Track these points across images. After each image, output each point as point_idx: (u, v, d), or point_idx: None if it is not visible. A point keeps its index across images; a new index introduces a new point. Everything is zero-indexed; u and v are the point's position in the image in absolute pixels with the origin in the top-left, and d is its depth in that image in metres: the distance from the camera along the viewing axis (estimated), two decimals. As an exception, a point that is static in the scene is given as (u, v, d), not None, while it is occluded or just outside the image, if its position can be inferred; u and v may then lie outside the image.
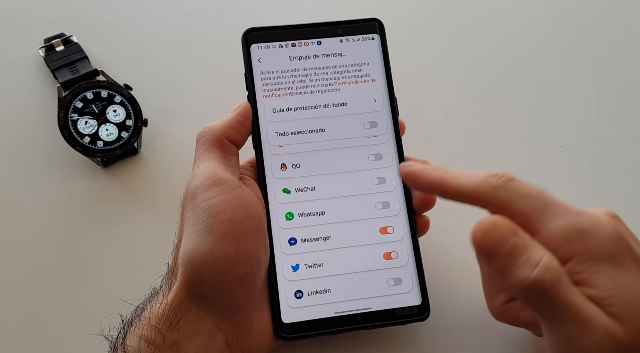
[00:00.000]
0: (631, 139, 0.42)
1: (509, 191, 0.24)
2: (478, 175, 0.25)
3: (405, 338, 0.33)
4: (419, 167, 0.27)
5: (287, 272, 0.31)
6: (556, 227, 0.24)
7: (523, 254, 0.23)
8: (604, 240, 0.23)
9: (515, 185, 0.25)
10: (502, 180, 0.25)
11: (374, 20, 0.34)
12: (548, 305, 0.22)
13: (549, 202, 0.24)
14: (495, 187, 0.24)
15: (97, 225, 0.38)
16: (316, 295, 0.30)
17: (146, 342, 0.26)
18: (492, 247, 0.23)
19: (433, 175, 0.26)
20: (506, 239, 0.23)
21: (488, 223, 0.23)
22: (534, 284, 0.22)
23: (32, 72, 0.44)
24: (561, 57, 0.47)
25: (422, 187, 0.27)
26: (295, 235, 0.31)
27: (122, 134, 0.40)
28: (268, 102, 0.33)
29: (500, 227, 0.23)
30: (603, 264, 0.23)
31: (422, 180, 0.26)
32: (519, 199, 0.24)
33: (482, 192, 0.24)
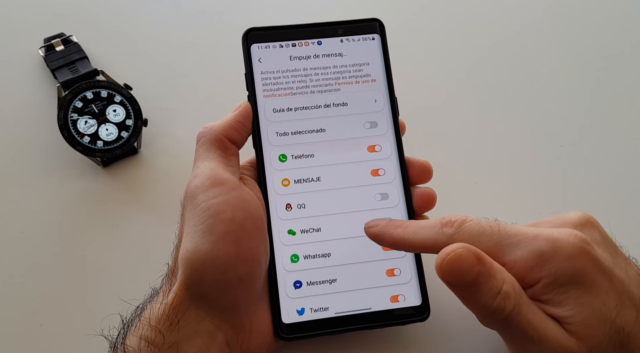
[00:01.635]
0: (631, 138, 0.42)
1: (464, 235, 0.25)
2: (433, 225, 0.26)
3: (405, 338, 0.33)
4: (380, 229, 0.28)
5: (287, 263, 0.31)
6: (517, 256, 0.24)
7: (486, 283, 0.23)
8: (564, 261, 0.24)
9: (468, 227, 0.25)
10: (454, 227, 0.26)
11: (374, 20, 0.34)
12: (509, 328, 0.24)
13: (503, 235, 0.25)
14: (450, 236, 0.25)
15: (97, 225, 0.38)
16: (317, 296, 0.30)
17: (146, 342, 0.26)
18: (457, 278, 0.24)
19: (394, 235, 0.27)
20: (471, 270, 0.23)
21: (453, 255, 0.23)
22: (495, 312, 0.24)
23: (32, 72, 0.44)
24: (561, 57, 0.47)
25: (389, 246, 0.28)
26: (297, 250, 0.31)
27: (122, 133, 0.40)
28: (268, 102, 0.33)
29: (465, 258, 0.23)
30: (566, 285, 0.24)
31: (386, 241, 0.28)
32: (475, 240, 0.25)
33: (440, 242, 0.25)
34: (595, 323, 0.24)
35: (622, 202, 0.40)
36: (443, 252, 0.24)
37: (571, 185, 0.40)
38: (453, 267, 0.23)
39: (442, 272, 0.24)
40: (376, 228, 0.28)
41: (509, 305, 0.23)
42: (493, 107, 0.44)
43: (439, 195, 0.32)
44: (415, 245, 0.26)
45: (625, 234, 0.38)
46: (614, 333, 0.24)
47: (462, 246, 0.24)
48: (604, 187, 0.40)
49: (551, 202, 0.39)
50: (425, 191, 0.32)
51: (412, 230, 0.26)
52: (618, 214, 0.39)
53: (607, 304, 0.24)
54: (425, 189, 0.32)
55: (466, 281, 0.23)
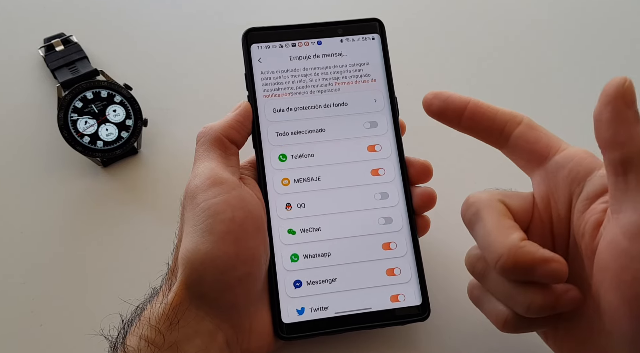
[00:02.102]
0: (631, 139, 0.42)
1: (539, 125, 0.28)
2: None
3: (405, 338, 0.33)
4: (445, 92, 0.29)
5: (287, 263, 0.31)
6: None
7: None
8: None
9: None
10: None
11: (374, 20, 0.34)
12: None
13: None
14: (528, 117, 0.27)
15: (97, 225, 0.38)
16: (317, 298, 0.30)
17: (146, 342, 0.26)
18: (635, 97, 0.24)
19: (466, 97, 0.29)
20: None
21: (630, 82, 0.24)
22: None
23: (32, 72, 0.44)
24: (562, 57, 0.47)
25: (453, 106, 0.28)
26: (297, 250, 0.31)
27: (122, 133, 0.40)
28: (268, 102, 0.33)
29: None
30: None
31: (452, 99, 0.28)
32: (547, 132, 0.28)
33: (518, 113, 0.27)
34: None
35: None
36: (619, 77, 0.24)
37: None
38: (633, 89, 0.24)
39: (627, 88, 0.24)
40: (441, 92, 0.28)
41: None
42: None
43: (439, 195, 0.32)
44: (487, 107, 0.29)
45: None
46: None
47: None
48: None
49: (551, 202, 0.39)
50: (425, 191, 0.32)
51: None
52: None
53: None
54: (425, 189, 0.32)
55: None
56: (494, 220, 0.26)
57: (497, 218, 0.26)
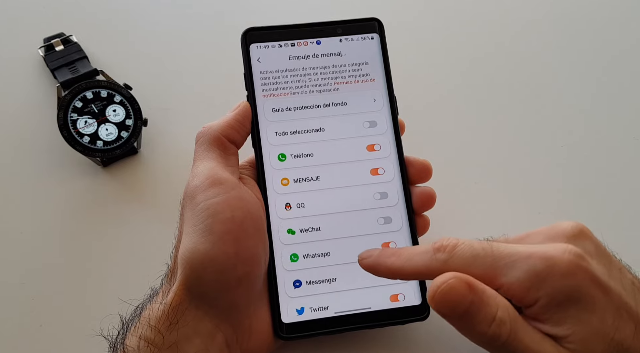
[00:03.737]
0: (632, 139, 0.42)
1: (457, 260, 0.25)
2: (426, 251, 0.26)
3: (405, 338, 0.33)
4: (374, 259, 0.27)
5: (286, 262, 0.31)
6: (513, 278, 0.24)
7: (479, 312, 0.23)
8: (560, 280, 0.24)
9: (460, 251, 0.25)
10: (447, 252, 0.25)
11: (373, 19, 0.34)
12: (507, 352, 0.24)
13: (496, 256, 0.25)
14: (443, 261, 0.25)
15: (97, 225, 0.38)
16: (316, 297, 0.30)
17: (146, 342, 0.26)
18: (450, 309, 0.23)
19: (388, 264, 0.26)
20: (463, 300, 0.23)
21: (445, 287, 0.23)
22: (491, 339, 0.23)
23: (32, 72, 0.44)
24: (562, 57, 0.47)
25: (384, 276, 0.27)
26: (296, 250, 0.31)
27: (122, 133, 0.40)
28: (267, 101, 0.33)
29: (457, 289, 0.23)
30: (564, 303, 0.24)
31: (381, 272, 0.27)
32: (469, 265, 0.25)
33: (434, 269, 0.25)
34: (595, 341, 0.24)
35: (622, 202, 0.40)
36: (434, 284, 0.24)
37: (571, 185, 0.40)
38: (445, 298, 0.23)
39: (435, 303, 0.23)
40: (370, 259, 0.27)
41: (505, 331, 0.23)
42: (493, 106, 0.44)
43: (438, 195, 0.32)
44: (410, 273, 0.26)
45: (626, 235, 0.38)
46: (612, 350, 0.24)
47: (453, 276, 0.23)
48: (604, 187, 0.40)
49: (551, 201, 0.39)
50: (424, 190, 0.32)
51: (406, 258, 0.26)
52: (618, 214, 0.39)
53: (606, 320, 0.24)
54: (425, 188, 0.32)
55: (459, 311, 0.23)
56: None
57: None
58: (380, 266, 0.27)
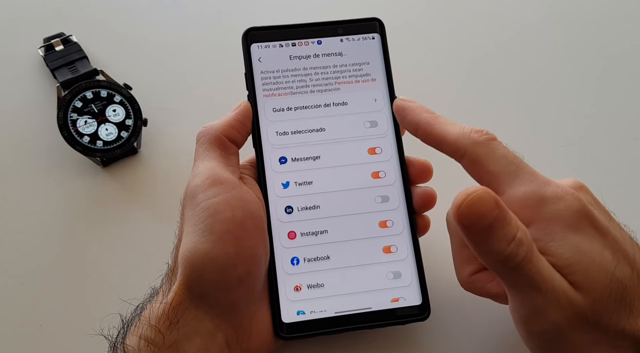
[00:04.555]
0: (632, 139, 0.42)
1: (487, 149, 0.25)
2: (463, 127, 0.26)
3: (405, 338, 0.33)
4: (410, 105, 0.27)
5: (287, 267, 0.31)
6: (519, 191, 0.24)
7: (502, 228, 0.23)
8: (564, 209, 0.24)
9: (494, 145, 0.25)
10: (483, 137, 0.25)
11: (374, 19, 0.34)
12: (517, 276, 0.23)
13: (521, 168, 0.25)
14: (475, 142, 0.25)
15: (97, 225, 0.38)
16: (317, 296, 0.30)
17: (146, 342, 0.26)
18: (475, 220, 0.23)
19: (421, 116, 0.26)
20: (490, 213, 0.23)
21: (475, 196, 0.23)
22: (507, 258, 0.23)
23: (32, 72, 0.44)
24: (562, 57, 0.47)
25: (408, 124, 0.27)
26: (297, 254, 0.31)
27: (122, 133, 0.39)
28: (268, 101, 0.33)
29: (486, 201, 0.23)
30: (561, 232, 0.24)
31: (409, 118, 0.27)
32: (494, 159, 0.25)
33: (461, 143, 0.25)
34: (596, 274, 0.23)
35: (622, 202, 0.40)
36: (461, 194, 0.23)
37: (571, 185, 0.40)
38: (473, 208, 0.23)
39: (460, 213, 0.23)
40: (405, 103, 0.27)
41: (522, 252, 0.23)
42: (493, 106, 0.44)
43: (439, 195, 0.32)
44: (435, 135, 0.25)
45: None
46: (614, 286, 0.23)
47: (482, 188, 0.23)
48: (604, 187, 0.40)
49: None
50: (425, 190, 0.32)
51: (441, 121, 0.26)
52: (618, 214, 0.39)
53: (605, 256, 0.24)
54: (426, 189, 0.32)
55: (484, 224, 0.23)
56: (454, 251, 0.30)
57: (457, 248, 0.29)
58: (413, 112, 0.27)
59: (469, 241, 0.24)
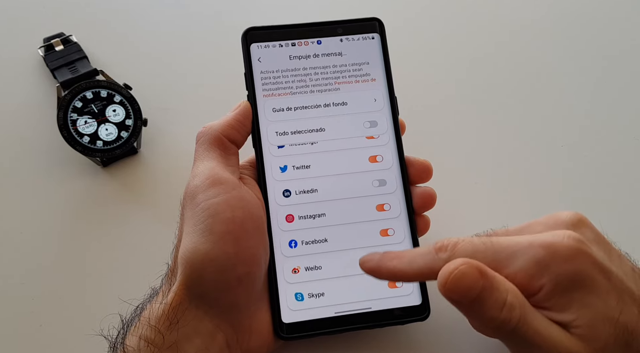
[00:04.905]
0: (632, 139, 0.42)
1: (459, 257, 0.25)
2: (428, 252, 0.25)
3: (405, 338, 0.33)
4: (376, 263, 0.27)
5: (288, 275, 0.31)
6: (516, 268, 0.24)
7: (490, 297, 0.23)
8: (563, 265, 0.24)
9: (461, 248, 0.25)
10: (449, 250, 0.25)
11: (374, 19, 0.34)
12: (516, 338, 0.24)
13: (497, 249, 0.25)
14: (446, 260, 0.25)
15: (97, 225, 0.38)
16: (316, 298, 0.30)
17: (146, 342, 0.26)
18: (462, 295, 0.23)
19: (390, 268, 0.26)
20: (475, 285, 0.23)
21: (457, 273, 0.23)
22: (502, 324, 0.23)
23: (31, 72, 0.44)
24: (562, 57, 0.47)
25: (387, 279, 0.27)
26: (296, 237, 0.31)
27: (122, 133, 0.39)
28: (268, 101, 0.33)
29: (468, 274, 0.23)
30: (568, 289, 0.24)
31: (383, 275, 0.27)
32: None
33: (437, 268, 0.25)
34: (601, 324, 0.23)
35: (622, 202, 0.40)
36: (445, 270, 0.23)
37: (571, 185, 0.40)
38: (457, 284, 0.23)
39: (446, 290, 0.23)
40: (372, 263, 0.27)
41: (515, 316, 0.23)
42: (493, 106, 0.44)
43: (439, 195, 0.32)
44: (413, 275, 0.26)
45: (625, 234, 0.38)
46: (619, 333, 0.24)
47: (463, 262, 0.23)
48: (604, 187, 0.40)
49: (551, 202, 0.39)
50: (425, 190, 0.32)
51: (408, 261, 0.26)
52: (618, 215, 0.39)
53: (609, 303, 0.24)
54: (425, 189, 0.32)
55: (471, 297, 0.23)
56: None
57: None
58: (382, 269, 0.26)
59: (463, 313, 0.24)
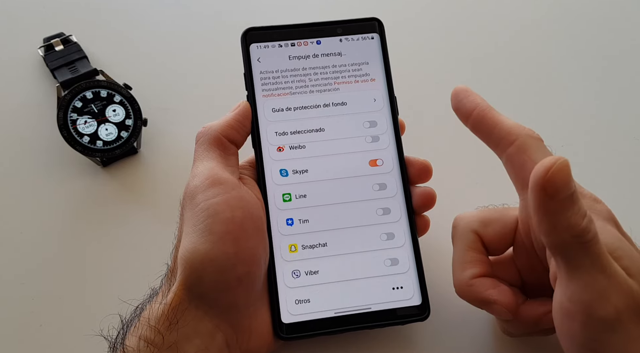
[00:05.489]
0: (632, 139, 0.42)
1: (539, 144, 0.26)
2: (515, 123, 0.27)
3: (405, 338, 0.33)
4: (472, 92, 0.29)
5: (288, 279, 0.31)
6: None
7: (578, 202, 0.22)
8: (603, 207, 0.26)
9: (544, 145, 0.26)
10: (537, 135, 0.27)
11: (373, 19, 0.34)
12: (585, 255, 0.23)
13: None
14: (529, 134, 0.26)
15: (97, 225, 0.38)
16: (316, 302, 0.30)
17: (145, 342, 0.26)
18: (559, 187, 0.22)
19: (481, 102, 0.28)
20: (571, 183, 0.22)
21: (561, 164, 0.22)
22: (582, 232, 0.22)
23: (31, 72, 0.44)
24: (562, 57, 0.47)
25: (464, 106, 0.28)
26: (296, 241, 0.31)
27: (122, 133, 0.39)
28: (267, 101, 0.33)
29: (569, 170, 0.22)
30: (604, 221, 0.25)
31: (470, 99, 0.28)
32: (542, 153, 0.26)
33: (515, 131, 0.26)
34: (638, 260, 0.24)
35: (622, 202, 0.40)
36: (549, 159, 0.22)
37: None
38: (559, 174, 0.22)
39: (548, 179, 0.22)
40: (468, 89, 0.28)
41: (593, 228, 0.22)
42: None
43: (439, 196, 0.32)
44: (492, 118, 0.27)
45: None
46: None
47: (563, 158, 0.22)
48: (604, 187, 0.40)
49: (551, 201, 0.39)
50: (425, 190, 0.32)
51: (497, 112, 0.27)
52: (619, 215, 0.39)
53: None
54: (425, 189, 0.32)
55: (566, 193, 0.22)
56: (458, 253, 0.30)
57: (462, 251, 0.30)
58: (472, 95, 0.28)
59: (546, 213, 0.23)
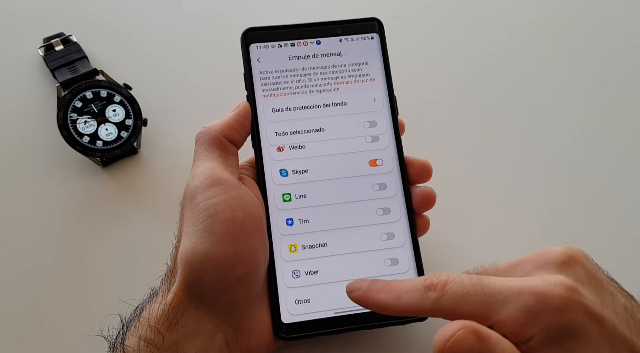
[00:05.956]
0: (632, 139, 0.42)
1: (449, 298, 0.24)
2: (417, 289, 0.25)
3: (405, 338, 0.33)
4: (363, 293, 0.27)
5: (288, 279, 0.31)
6: (506, 315, 0.24)
7: None
8: (554, 315, 0.23)
9: (451, 289, 0.24)
10: (438, 290, 0.25)
11: (373, 19, 0.34)
12: None
13: (487, 293, 0.24)
14: (434, 300, 0.24)
15: (97, 225, 0.38)
16: (316, 302, 0.30)
17: (145, 342, 0.26)
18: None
19: (377, 300, 0.26)
20: (472, 351, 0.22)
21: (454, 341, 0.22)
22: None
23: (31, 72, 0.44)
24: (562, 57, 0.47)
25: (373, 310, 0.27)
26: (296, 241, 0.31)
27: (122, 133, 0.39)
28: (267, 101, 0.33)
29: (465, 341, 0.22)
30: (559, 339, 0.23)
31: (370, 306, 0.26)
32: (461, 302, 0.24)
33: (425, 307, 0.24)
34: None
35: (622, 202, 0.40)
36: (441, 336, 0.23)
37: (572, 185, 0.40)
38: (455, 351, 0.22)
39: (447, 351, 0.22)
40: (358, 293, 0.26)
41: None
42: (494, 106, 0.44)
43: (439, 195, 0.32)
44: (400, 311, 0.25)
45: (626, 234, 0.38)
46: None
47: (460, 327, 0.23)
48: (604, 187, 0.40)
49: (552, 202, 0.39)
50: (424, 190, 0.32)
51: (395, 295, 0.25)
52: (619, 215, 0.39)
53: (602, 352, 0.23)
54: (425, 188, 0.32)
55: None
56: None
57: None
58: (369, 300, 0.26)
59: None
